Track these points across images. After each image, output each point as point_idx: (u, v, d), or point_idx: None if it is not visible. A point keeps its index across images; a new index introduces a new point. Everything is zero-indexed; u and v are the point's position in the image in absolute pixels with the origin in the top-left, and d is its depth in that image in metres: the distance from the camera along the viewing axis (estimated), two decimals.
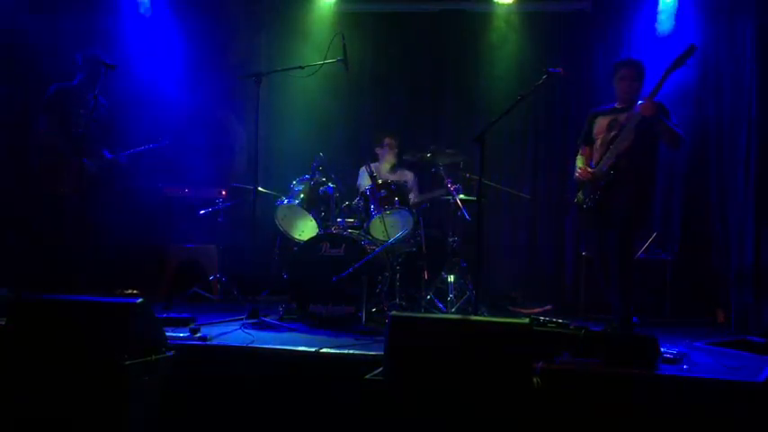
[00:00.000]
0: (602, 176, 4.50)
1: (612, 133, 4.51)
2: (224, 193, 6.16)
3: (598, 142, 4.63)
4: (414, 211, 5.19)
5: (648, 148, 4.48)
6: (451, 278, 5.29)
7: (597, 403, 3.30)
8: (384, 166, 6.09)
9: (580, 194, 4.68)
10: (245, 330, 4.34)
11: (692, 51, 4.27)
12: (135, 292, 5.36)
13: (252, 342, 3.91)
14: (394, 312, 3.35)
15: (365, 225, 5.15)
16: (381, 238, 5.10)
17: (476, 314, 4.32)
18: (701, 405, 3.26)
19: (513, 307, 6.01)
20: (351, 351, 3.73)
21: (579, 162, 4.77)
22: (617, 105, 4.65)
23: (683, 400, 3.27)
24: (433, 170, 5.58)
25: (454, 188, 5.37)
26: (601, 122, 4.65)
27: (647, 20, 6.04)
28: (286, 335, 4.35)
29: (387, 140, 6.09)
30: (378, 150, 6.15)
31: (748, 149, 5.49)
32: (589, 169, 4.60)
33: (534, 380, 2.92)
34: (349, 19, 6.59)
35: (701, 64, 5.76)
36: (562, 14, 6.45)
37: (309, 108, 6.70)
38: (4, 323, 3.33)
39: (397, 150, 6.08)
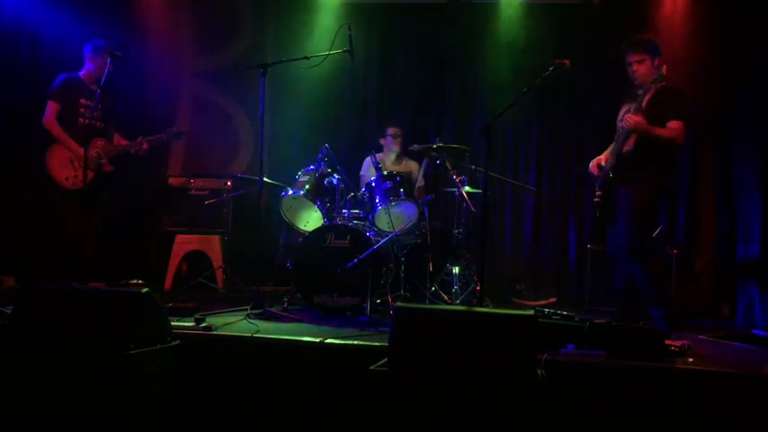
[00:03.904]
0: (605, 175, 4.50)
1: (620, 126, 4.46)
2: (229, 183, 6.16)
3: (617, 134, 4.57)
4: (419, 202, 5.19)
5: (651, 151, 4.35)
6: (456, 270, 5.30)
7: (602, 395, 3.30)
8: (388, 157, 6.09)
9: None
10: (250, 320, 4.34)
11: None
12: (140, 281, 5.38)
13: (256, 332, 3.91)
14: (399, 303, 3.36)
15: (370, 216, 5.15)
16: (386, 229, 5.09)
17: (480, 306, 4.33)
18: (706, 398, 3.25)
19: (517, 299, 6.02)
20: (355, 342, 3.73)
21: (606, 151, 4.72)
22: (636, 90, 4.51)
23: (688, 392, 3.27)
24: (438, 162, 5.57)
25: (459, 180, 5.37)
26: (622, 109, 4.56)
27: (655, 11, 6.00)
28: (290, 325, 4.35)
29: (391, 131, 6.08)
30: (382, 141, 6.14)
31: (754, 141, 5.47)
32: (602, 164, 4.58)
33: (539, 372, 2.92)
34: (355, 10, 6.58)
35: (706, 54, 5.74)
36: (569, 6, 6.41)
37: (315, 99, 6.69)
38: (11, 311, 3.35)
39: (401, 141, 6.07)
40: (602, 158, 4.66)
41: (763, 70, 5.45)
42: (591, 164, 4.70)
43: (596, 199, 4.58)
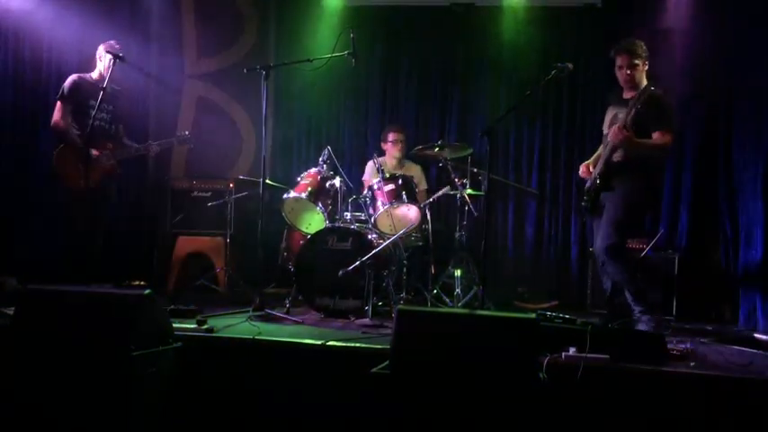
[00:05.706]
0: (593, 181, 4.52)
1: (608, 133, 4.42)
2: (232, 185, 6.16)
3: (604, 138, 4.60)
4: (421, 205, 5.19)
5: (640, 160, 4.37)
6: (458, 273, 5.30)
7: (603, 399, 3.29)
8: (391, 161, 6.09)
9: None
10: (252, 322, 4.34)
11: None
12: (142, 283, 5.38)
13: (258, 334, 3.91)
14: (400, 306, 3.36)
15: (372, 219, 5.15)
16: (388, 231, 5.10)
17: (482, 309, 4.33)
18: (708, 402, 3.25)
19: (519, 302, 6.01)
20: (357, 344, 3.73)
21: (595, 155, 4.77)
22: (624, 94, 4.52)
23: (690, 396, 3.27)
24: (441, 164, 5.57)
25: (461, 183, 5.37)
26: (608, 115, 4.58)
27: (658, 14, 5.99)
28: (292, 327, 4.36)
29: (394, 135, 6.08)
30: (384, 145, 6.14)
31: (757, 145, 5.46)
32: (591, 169, 4.63)
33: (540, 375, 2.92)
34: (358, 12, 6.58)
35: (709, 59, 5.73)
36: (572, 9, 6.41)
37: (317, 101, 6.70)
38: (13, 312, 3.35)
39: (403, 144, 6.07)
40: (592, 163, 4.70)
41: (765, 73, 5.44)
42: (581, 167, 4.73)
43: (583, 203, 4.63)
